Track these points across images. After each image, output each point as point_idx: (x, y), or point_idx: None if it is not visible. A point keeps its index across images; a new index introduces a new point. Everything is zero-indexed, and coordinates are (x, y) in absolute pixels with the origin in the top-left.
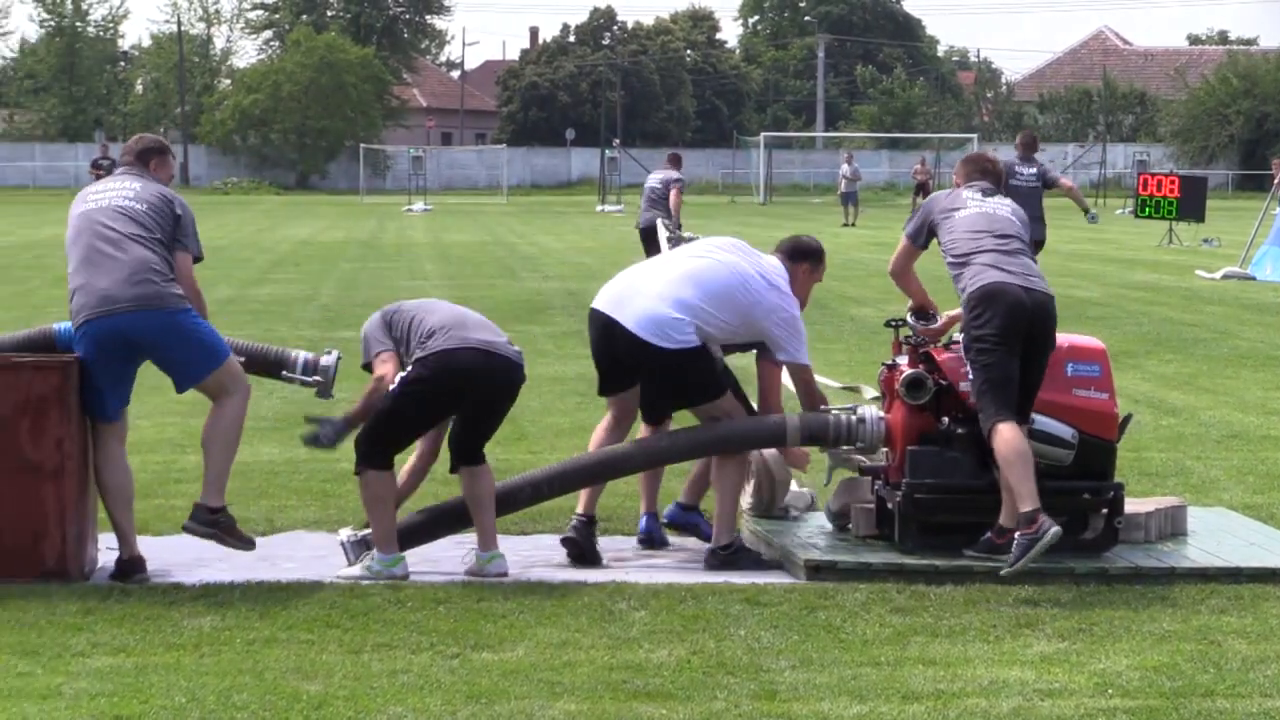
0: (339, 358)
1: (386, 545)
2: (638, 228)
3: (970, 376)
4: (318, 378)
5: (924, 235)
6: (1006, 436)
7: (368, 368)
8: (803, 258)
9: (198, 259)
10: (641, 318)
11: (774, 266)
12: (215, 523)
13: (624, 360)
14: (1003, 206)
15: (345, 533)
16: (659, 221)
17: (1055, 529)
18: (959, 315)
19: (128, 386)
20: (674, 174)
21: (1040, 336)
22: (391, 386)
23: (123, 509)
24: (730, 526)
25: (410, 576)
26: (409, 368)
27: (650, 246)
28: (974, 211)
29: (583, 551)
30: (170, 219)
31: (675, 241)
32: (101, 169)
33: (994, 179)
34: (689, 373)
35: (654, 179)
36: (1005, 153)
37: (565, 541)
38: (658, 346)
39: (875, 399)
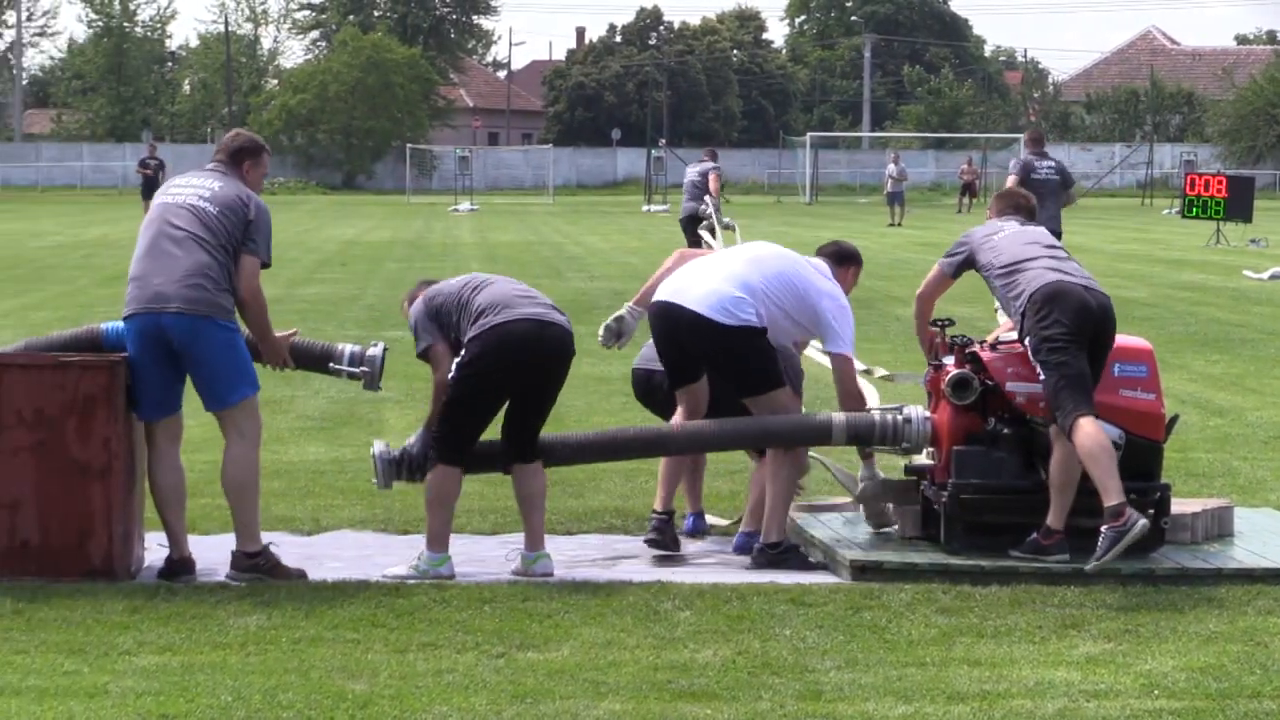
0: (385, 349)
1: (437, 544)
2: (680, 219)
3: (1042, 377)
4: (365, 368)
5: (960, 266)
6: (1088, 430)
7: (423, 356)
8: (849, 261)
9: (265, 265)
10: (704, 296)
11: (821, 264)
12: (255, 566)
13: (688, 346)
14: (1043, 230)
15: (379, 445)
16: (705, 197)
17: (1143, 522)
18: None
19: (174, 388)
20: (711, 164)
21: (1103, 337)
22: (450, 374)
23: (173, 509)
24: (781, 525)
25: (456, 576)
26: (463, 350)
27: (691, 236)
28: (1017, 230)
29: (667, 546)
30: (241, 223)
31: (712, 223)
32: (149, 168)
33: (1028, 215)
34: (750, 355)
35: (693, 171)
36: (1052, 153)
37: (650, 543)
38: (721, 324)
39: (884, 378)
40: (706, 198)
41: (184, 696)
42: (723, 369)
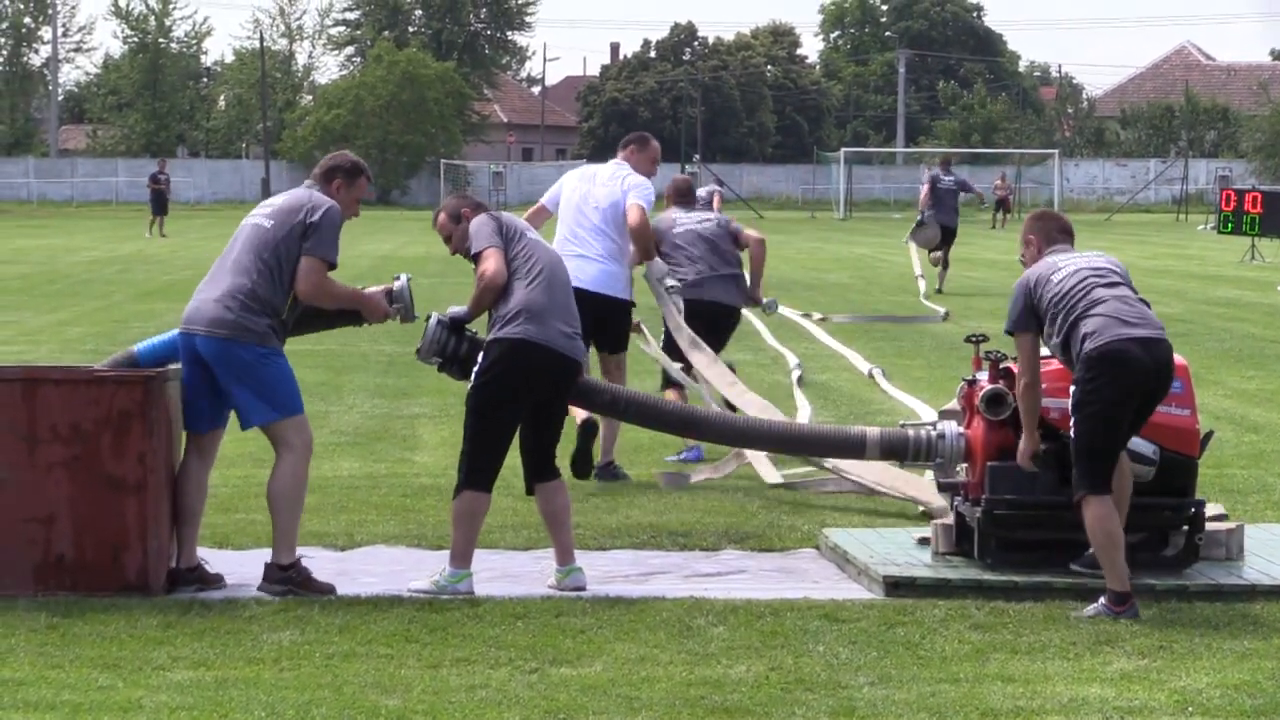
0: (409, 278)
1: (459, 560)
2: None
3: (1073, 432)
4: (397, 305)
5: (1033, 318)
6: (1096, 513)
7: (474, 257)
8: (627, 143)
9: (331, 265)
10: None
11: (618, 176)
12: (287, 579)
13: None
14: (1098, 257)
15: (437, 316)
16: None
17: (1135, 616)
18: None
19: (211, 404)
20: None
21: (1157, 390)
22: (470, 379)
23: (185, 520)
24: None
25: (475, 592)
26: (483, 353)
27: None
28: (1073, 267)
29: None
30: (298, 231)
31: None
32: (160, 183)
33: (1071, 238)
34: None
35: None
36: (1086, 168)
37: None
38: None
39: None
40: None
41: (217, 712)
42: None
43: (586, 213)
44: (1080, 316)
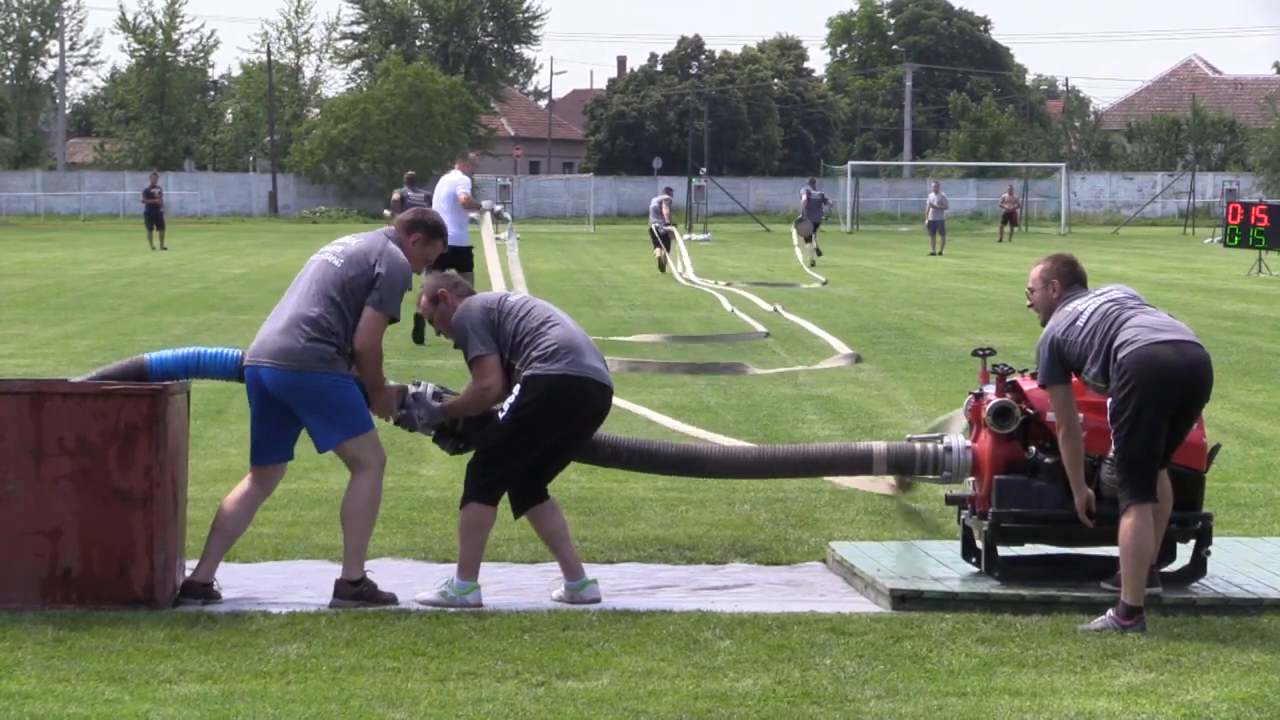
0: (424, 387)
1: (466, 571)
2: (650, 231)
3: (1112, 441)
4: (403, 411)
5: (1064, 369)
6: (1133, 524)
7: (475, 362)
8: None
9: (391, 319)
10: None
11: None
12: (358, 594)
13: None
14: (1113, 289)
15: (425, 387)
16: (654, 224)
17: (1142, 631)
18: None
19: (274, 438)
20: (666, 196)
21: (1193, 393)
22: (500, 412)
23: (218, 537)
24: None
25: (484, 605)
26: (517, 388)
27: (653, 242)
28: (1094, 306)
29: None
30: (365, 276)
31: (664, 232)
32: (154, 197)
33: (1084, 282)
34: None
35: (655, 200)
36: (1093, 181)
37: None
38: None
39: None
40: (655, 223)
41: None
42: None
43: (444, 197)
44: (1112, 337)
